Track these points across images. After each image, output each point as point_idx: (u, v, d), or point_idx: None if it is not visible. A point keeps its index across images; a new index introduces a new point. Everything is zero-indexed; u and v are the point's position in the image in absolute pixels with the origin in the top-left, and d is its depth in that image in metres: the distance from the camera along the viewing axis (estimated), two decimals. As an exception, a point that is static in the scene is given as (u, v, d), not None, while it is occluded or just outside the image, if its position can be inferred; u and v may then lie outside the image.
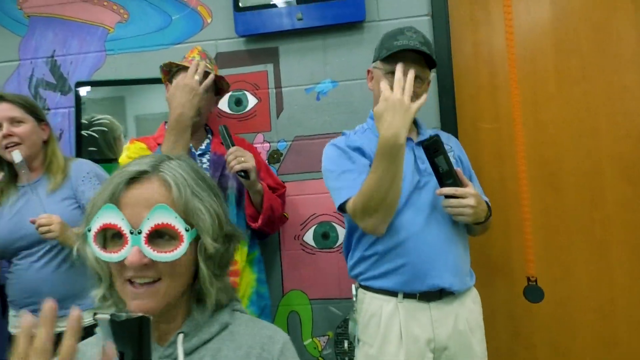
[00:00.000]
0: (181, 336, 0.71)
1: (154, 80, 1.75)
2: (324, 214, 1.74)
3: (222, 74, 1.78)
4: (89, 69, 1.88)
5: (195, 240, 0.70)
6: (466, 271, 1.31)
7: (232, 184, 1.52)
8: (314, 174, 1.73)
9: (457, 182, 1.21)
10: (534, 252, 1.47)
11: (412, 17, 1.71)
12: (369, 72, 1.40)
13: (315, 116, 1.76)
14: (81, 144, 1.85)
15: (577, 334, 1.69)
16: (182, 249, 0.67)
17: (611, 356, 1.66)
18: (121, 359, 0.56)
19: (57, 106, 1.88)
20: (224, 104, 1.79)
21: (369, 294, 1.30)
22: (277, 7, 1.72)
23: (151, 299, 0.67)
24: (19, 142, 1.51)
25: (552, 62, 1.72)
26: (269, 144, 1.78)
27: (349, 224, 1.35)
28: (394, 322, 1.24)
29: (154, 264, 0.67)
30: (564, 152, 1.71)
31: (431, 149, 1.21)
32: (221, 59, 1.81)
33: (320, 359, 1.72)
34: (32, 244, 1.48)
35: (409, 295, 1.25)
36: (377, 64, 1.34)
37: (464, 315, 1.27)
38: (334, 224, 1.74)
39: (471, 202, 1.19)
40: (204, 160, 1.54)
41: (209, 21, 1.82)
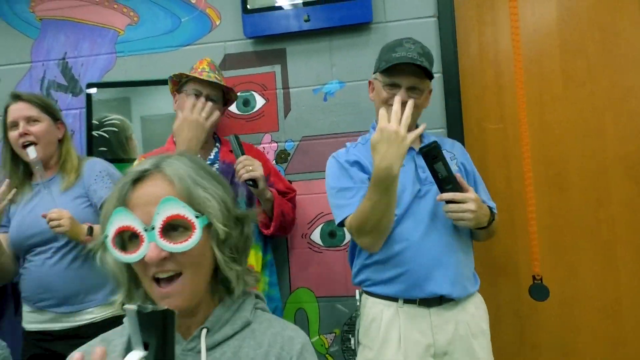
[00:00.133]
0: (204, 331, 0.73)
1: (164, 81, 1.77)
2: (330, 213, 1.74)
3: (231, 75, 1.81)
4: (100, 70, 1.91)
5: (207, 228, 0.72)
6: (468, 277, 1.31)
7: (242, 192, 1.54)
8: (321, 174, 1.74)
9: (457, 187, 1.22)
10: (540, 252, 1.48)
11: (418, 18, 1.72)
12: (370, 83, 1.42)
13: (322, 117, 1.78)
14: (92, 145, 1.88)
15: (582, 334, 1.69)
16: (195, 236, 0.69)
17: (616, 356, 1.67)
18: (145, 348, 0.58)
19: (68, 107, 1.91)
20: (232, 104, 1.81)
21: (371, 299, 1.32)
22: (284, 9, 1.74)
23: (179, 297, 0.70)
24: (34, 141, 1.54)
25: (558, 63, 1.73)
26: (276, 144, 1.80)
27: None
28: (393, 326, 1.26)
29: (173, 256, 0.69)
30: (569, 152, 1.72)
31: (430, 155, 1.22)
32: (229, 60, 1.83)
33: (327, 356, 1.74)
34: (45, 241, 1.51)
35: (409, 300, 1.27)
36: (377, 75, 1.36)
37: (465, 320, 1.27)
38: (341, 223, 1.75)
39: (471, 206, 1.20)
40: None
41: (218, 23, 1.85)
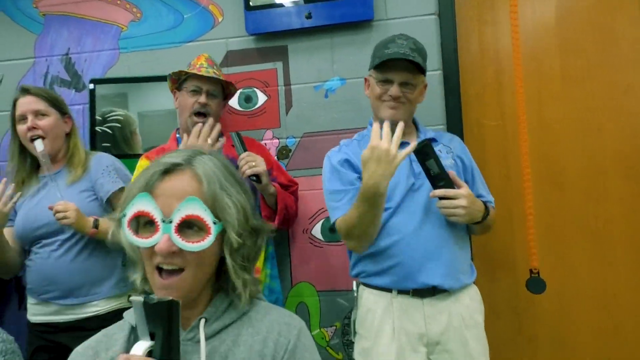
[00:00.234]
0: (203, 321, 0.76)
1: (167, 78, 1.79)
2: (331, 209, 1.78)
3: (233, 71, 1.83)
4: (103, 66, 1.93)
5: (221, 233, 0.74)
6: (462, 270, 1.33)
7: None
8: (321, 170, 1.75)
9: (450, 184, 1.24)
10: (537, 248, 1.51)
11: (419, 16, 1.73)
12: (366, 80, 1.44)
13: (323, 113, 1.79)
14: (95, 140, 1.90)
15: (579, 327, 1.72)
16: (209, 240, 0.71)
17: (611, 347, 1.70)
18: (152, 338, 0.61)
19: (72, 103, 1.91)
20: (234, 101, 1.83)
21: (367, 290, 1.36)
22: (286, 6, 1.76)
23: (177, 290, 0.72)
24: (42, 135, 1.55)
25: (557, 61, 1.75)
26: (278, 140, 1.82)
27: None
28: (387, 317, 1.29)
29: (181, 252, 0.71)
30: (567, 150, 1.74)
31: (422, 153, 1.24)
32: (232, 57, 1.85)
33: (327, 349, 1.77)
34: (51, 233, 1.53)
35: (402, 291, 1.30)
36: (372, 72, 1.38)
37: (459, 311, 1.30)
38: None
39: (463, 202, 1.23)
40: None
41: (220, 20, 1.86)
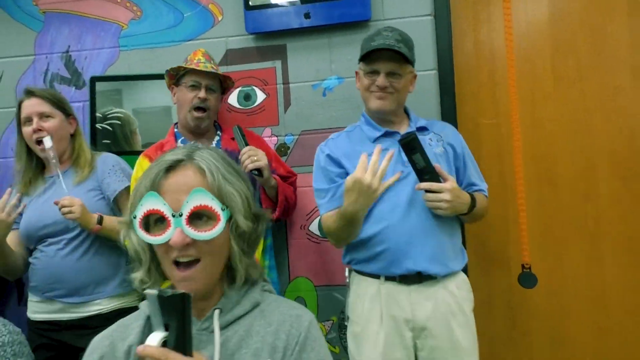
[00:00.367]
0: (217, 312, 0.79)
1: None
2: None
3: (232, 70, 1.85)
4: (103, 64, 1.95)
5: (228, 220, 0.77)
6: (450, 256, 1.36)
7: None
8: (319, 167, 1.80)
9: (435, 177, 1.27)
10: (530, 244, 1.54)
11: (415, 16, 1.76)
12: (356, 73, 1.48)
13: (321, 111, 1.82)
14: (95, 137, 1.91)
15: (571, 321, 1.76)
16: (219, 227, 0.75)
17: (602, 341, 1.74)
18: (166, 329, 0.63)
19: (72, 100, 1.92)
20: (233, 99, 1.86)
21: (357, 277, 1.41)
22: (285, 6, 1.78)
23: (196, 281, 0.75)
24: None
25: (550, 62, 1.79)
26: (276, 138, 1.85)
27: None
28: (376, 302, 1.34)
29: (195, 243, 0.74)
30: (559, 148, 1.78)
31: (408, 147, 1.25)
32: (231, 56, 1.87)
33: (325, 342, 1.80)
34: (57, 232, 1.54)
35: (390, 278, 1.34)
36: (360, 65, 1.43)
37: (445, 298, 1.33)
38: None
39: (446, 197, 1.26)
40: None
41: (220, 19, 1.88)
